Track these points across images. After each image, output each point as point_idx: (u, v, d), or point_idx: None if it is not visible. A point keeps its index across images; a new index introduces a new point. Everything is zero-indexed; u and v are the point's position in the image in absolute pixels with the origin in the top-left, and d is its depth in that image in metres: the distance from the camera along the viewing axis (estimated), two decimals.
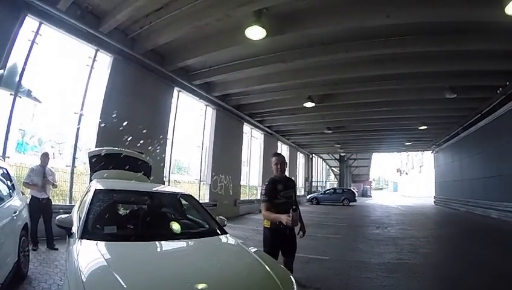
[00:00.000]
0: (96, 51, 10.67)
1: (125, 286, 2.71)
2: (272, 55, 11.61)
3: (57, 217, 4.26)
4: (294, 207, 4.63)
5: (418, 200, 42.88)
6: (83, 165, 10.65)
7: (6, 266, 4.47)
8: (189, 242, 4.39)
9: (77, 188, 10.29)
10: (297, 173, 34.53)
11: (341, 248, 10.32)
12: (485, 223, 17.29)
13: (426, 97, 16.03)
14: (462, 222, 18.62)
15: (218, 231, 4.82)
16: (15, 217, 5.15)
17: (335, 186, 46.64)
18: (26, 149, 10.49)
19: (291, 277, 3.56)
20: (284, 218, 4.54)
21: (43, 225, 8.07)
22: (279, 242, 4.94)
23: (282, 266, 4.17)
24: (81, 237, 3.72)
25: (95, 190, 4.84)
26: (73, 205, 8.88)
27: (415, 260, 8.99)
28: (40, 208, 7.93)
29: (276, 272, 3.52)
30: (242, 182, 21.48)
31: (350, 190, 37.24)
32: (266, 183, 5.16)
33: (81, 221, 4.06)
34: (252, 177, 23.63)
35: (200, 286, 3.05)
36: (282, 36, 9.89)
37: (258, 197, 23.46)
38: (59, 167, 9.98)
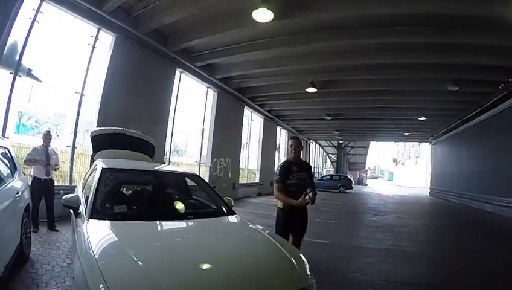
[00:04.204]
0: (99, 29, 10.49)
1: (140, 263, 2.72)
2: (276, 39, 11.46)
3: (64, 197, 4.18)
4: (309, 190, 4.83)
5: (413, 190, 43.27)
6: (82, 146, 10.63)
7: (9, 248, 4.43)
8: (200, 221, 4.40)
9: (76, 169, 10.26)
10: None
11: (341, 233, 10.46)
12: (479, 216, 17.48)
13: (427, 88, 15.96)
14: (457, 214, 18.90)
15: (227, 211, 4.86)
16: (17, 198, 5.06)
17: (331, 172, 46.84)
18: (27, 130, 10.38)
19: (302, 255, 3.60)
20: (295, 203, 4.78)
21: (44, 206, 8.01)
22: (291, 223, 5.06)
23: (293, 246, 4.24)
24: (91, 217, 3.71)
25: (102, 168, 4.80)
26: (75, 186, 8.85)
27: (413, 247, 9.21)
28: (42, 189, 7.82)
29: (288, 251, 3.59)
30: (241, 166, 21.52)
31: (347, 177, 37.37)
32: (281, 164, 5.36)
33: (89, 200, 4.02)
34: (250, 161, 23.71)
35: (215, 263, 3.05)
36: (289, 20, 9.78)
37: (257, 181, 23.87)
38: (58, 148, 9.85)
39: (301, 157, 5.50)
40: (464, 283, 6.16)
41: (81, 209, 4.09)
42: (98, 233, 3.33)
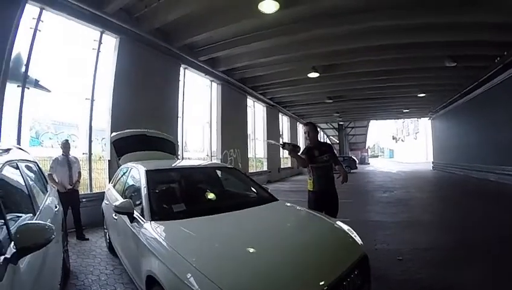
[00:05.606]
0: (102, 32, 10.52)
1: (229, 255, 3.02)
2: (279, 28, 11.58)
3: (115, 204, 4.28)
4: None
5: (415, 166, 43.60)
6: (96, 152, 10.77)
7: (59, 264, 4.30)
8: (255, 210, 4.61)
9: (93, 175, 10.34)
10: (297, 143, 34.49)
11: (357, 210, 10.69)
12: (483, 185, 17.91)
13: (425, 66, 16.15)
14: (461, 185, 19.28)
15: (271, 197, 5.15)
16: (56, 213, 4.88)
17: None
18: (39, 142, 10.31)
19: (351, 228, 3.96)
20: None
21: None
22: (323, 203, 5.35)
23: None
24: (152, 219, 3.85)
25: (146, 171, 4.90)
26: (98, 193, 9.18)
27: (426, 218, 9.78)
28: (68, 199, 7.55)
29: (341, 226, 3.99)
30: (249, 155, 21.74)
31: (351, 157, 37.61)
32: (301, 152, 5.61)
33: (144, 204, 4.17)
34: (257, 150, 23.96)
35: (290, 244, 3.38)
36: (292, 9, 9.86)
37: (265, 168, 24.22)
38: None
39: (319, 139, 5.86)
40: (477, 243, 6.77)
41: (136, 213, 4.17)
42: (171, 233, 3.54)
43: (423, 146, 54.95)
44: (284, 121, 30.48)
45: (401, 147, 76.59)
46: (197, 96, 16.76)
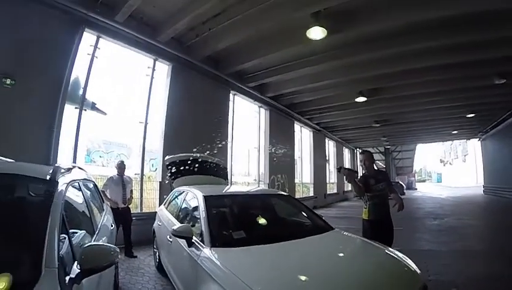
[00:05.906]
0: (155, 60, 11.08)
1: (287, 280, 3.07)
2: (327, 54, 11.69)
3: (174, 228, 4.34)
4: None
5: (465, 190, 41.67)
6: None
7: (111, 280, 4.51)
8: (315, 239, 4.53)
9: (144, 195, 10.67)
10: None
11: (408, 239, 10.44)
12: None
13: (473, 85, 15.63)
14: None
15: (328, 226, 5.10)
16: (112, 231, 5.16)
17: None
18: (90, 159, 10.72)
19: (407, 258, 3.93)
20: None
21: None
22: (378, 232, 5.30)
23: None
24: (213, 245, 3.86)
25: (204, 197, 4.94)
26: (149, 213, 9.42)
27: (480, 246, 9.46)
28: (120, 216, 7.84)
29: (400, 255, 3.95)
30: (296, 180, 21.63)
31: (398, 182, 36.87)
32: (358, 180, 5.60)
33: (204, 230, 4.19)
34: (303, 175, 23.79)
35: (354, 273, 3.37)
36: (340, 35, 9.94)
37: (311, 194, 23.86)
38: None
39: (375, 167, 5.86)
40: None
41: (195, 238, 4.19)
42: (233, 261, 3.50)
43: (473, 169, 53.14)
44: (330, 146, 30.29)
45: (450, 170, 74.22)
46: (245, 121, 17.00)
